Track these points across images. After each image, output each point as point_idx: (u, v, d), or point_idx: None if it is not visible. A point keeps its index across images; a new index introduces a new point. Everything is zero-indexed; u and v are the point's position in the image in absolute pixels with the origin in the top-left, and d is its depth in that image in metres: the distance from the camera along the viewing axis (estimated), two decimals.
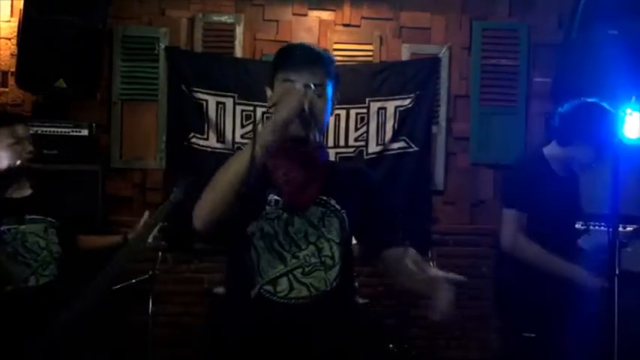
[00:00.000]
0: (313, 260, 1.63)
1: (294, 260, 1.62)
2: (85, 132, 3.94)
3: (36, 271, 2.64)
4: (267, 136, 1.49)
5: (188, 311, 4.31)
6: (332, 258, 1.65)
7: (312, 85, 1.62)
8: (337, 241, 1.66)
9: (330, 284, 1.64)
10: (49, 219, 2.71)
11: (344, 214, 1.68)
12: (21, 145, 2.68)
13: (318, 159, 1.74)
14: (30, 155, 2.70)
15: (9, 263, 2.59)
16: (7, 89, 4.27)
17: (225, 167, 1.54)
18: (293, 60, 1.66)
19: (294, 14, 4.51)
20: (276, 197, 1.64)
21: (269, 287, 1.61)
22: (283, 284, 1.61)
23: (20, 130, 2.71)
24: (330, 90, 1.69)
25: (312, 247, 1.64)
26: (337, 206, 1.68)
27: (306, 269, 1.62)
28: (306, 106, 1.52)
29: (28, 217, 2.66)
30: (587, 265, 2.74)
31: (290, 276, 1.61)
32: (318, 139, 1.69)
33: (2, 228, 2.60)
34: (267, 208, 1.64)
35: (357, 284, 3.75)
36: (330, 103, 1.70)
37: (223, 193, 1.51)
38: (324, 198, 1.67)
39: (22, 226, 2.64)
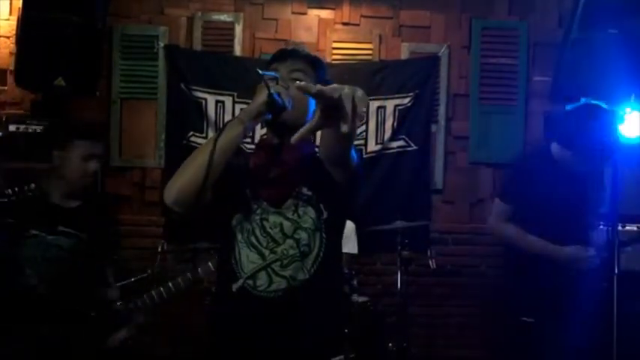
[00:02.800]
0: (292, 252, 1.66)
1: (272, 255, 1.66)
2: None
3: (43, 281, 2.53)
4: (244, 117, 1.61)
5: (188, 311, 4.30)
6: (308, 245, 1.67)
7: (293, 71, 1.72)
8: (313, 228, 1.68)
9: (309, 271, 1.66)
10: (82, 235, 2.59)
11: (317, 199, 1.69)
12: (91, 162, 2.64)
13: (300, 151, 1.74)
14: (92, 177, 2.66)
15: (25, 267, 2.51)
16: (5, 87, 4.26)
17: (197, 151, 1.63)
18: (278, 54, 1.80)
19: (293, 13, 4.51)
20: (251, 194, 1.71)
21: (250, 282, 1.65)
22: (262, 278, 1.65)
23: (94, 147, 2.67)
24: (314, 82, 1.70)
25: (290, 241, 1.66)
26: (309, 193, 1.69)
27: (285, 262, 1.65)
28: (271, 90, 1.58)
29: (61, 228, 2.55)
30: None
31: (269, 270, 1.65)
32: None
33: (31, 231, 2.51)
34: (245, 203, 1.70)
35: (352, 278, 3.75)
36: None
37: (191, 175, 1.58)
38: (297, 189, 1.70)
39: (51, 237, 2.54)
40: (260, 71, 1.63)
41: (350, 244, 3.97)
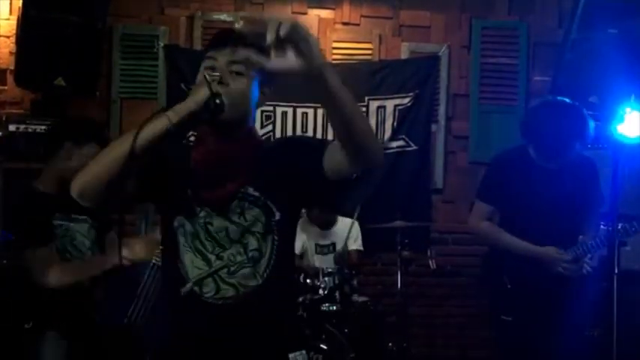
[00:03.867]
0: (239, 259, 1.55)
1: (218, 261, 1.55)
2: None
3: None
4: (173, 116, 1.47)
5: None
6: (259, 250, 1.56)
7: (232, 63, 1.54)
8: (262, 232, 1.56)
9: (262, 277, 1.56)
10: (90, 220, 2.63)
11: (266, 200, 1.57)
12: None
13: (245, 148, 1.59)
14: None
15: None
16: (5, 87, 4.26)
17: (114, 144, 1.50)
18: (216, 39, 1.63)
19: (293, 12, 4.50)
20: (192, 194, 1.56)
21: (196, 288, 1.55)
22: (209, 285, 1.54)
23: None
24: (255, 73, 1.58)
25: (237, 246, 1.55)
26: (256, 193, 1.56)
27: (232, 269, 1.54)
28: (213, 89, 1.46)
29: (74, 215, 2.57)
30: None
31: (216, 277, 1.54)
32: (247, 124, 1.60)
33: (55, 222, 2.53)
34: (186, 205, 1.57)
35: (352, 278, 3.76)
36: (255, 88, 1.59)
37: (102, 169, 1.47)
38: (242, 190, 1.56)
39: (72, 224, 2.57)
40: (207, 76, 1.50)
41: (357, 242, 4.06)
